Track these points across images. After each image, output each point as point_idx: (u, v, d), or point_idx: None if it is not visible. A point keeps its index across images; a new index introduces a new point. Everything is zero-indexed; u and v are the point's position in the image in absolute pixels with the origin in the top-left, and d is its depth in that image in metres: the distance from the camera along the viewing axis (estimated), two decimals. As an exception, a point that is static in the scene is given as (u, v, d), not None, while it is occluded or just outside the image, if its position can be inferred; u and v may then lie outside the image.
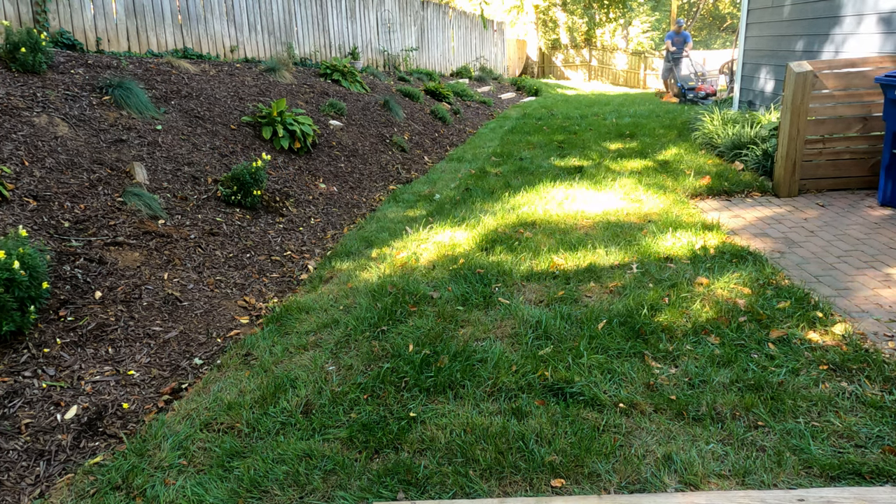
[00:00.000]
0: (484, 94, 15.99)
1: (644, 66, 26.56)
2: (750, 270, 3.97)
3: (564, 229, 5.09)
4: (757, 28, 8.86)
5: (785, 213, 5.40)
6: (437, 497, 2.20)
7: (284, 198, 5.61)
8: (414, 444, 2.49)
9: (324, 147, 7.14)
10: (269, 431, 2.62)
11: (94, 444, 2.62)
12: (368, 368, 3.08)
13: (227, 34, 8.80)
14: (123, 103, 5.33)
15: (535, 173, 7.32)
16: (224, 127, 6.13)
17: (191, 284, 3.89)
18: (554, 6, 29.65)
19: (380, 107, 9.53)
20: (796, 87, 5.60)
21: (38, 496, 2.34)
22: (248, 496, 2.27)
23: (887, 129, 5.20)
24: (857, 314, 3.43)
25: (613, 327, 3.32)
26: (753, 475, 2.24)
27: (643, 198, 5.97)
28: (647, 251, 4.43)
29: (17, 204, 3.73)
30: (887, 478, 2.19)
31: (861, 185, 5.95)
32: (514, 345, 3.23)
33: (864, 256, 4.27)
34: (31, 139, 4.29)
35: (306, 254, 4.93)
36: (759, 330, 3.22)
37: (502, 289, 3.93)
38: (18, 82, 4.87)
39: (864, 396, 2.64)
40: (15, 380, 2.81)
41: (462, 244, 4.81)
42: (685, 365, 2.95)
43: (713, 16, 35.95)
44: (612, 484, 2.24)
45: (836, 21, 6.96)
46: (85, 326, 3.21)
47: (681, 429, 2.51)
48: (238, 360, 3.25)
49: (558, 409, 2.66)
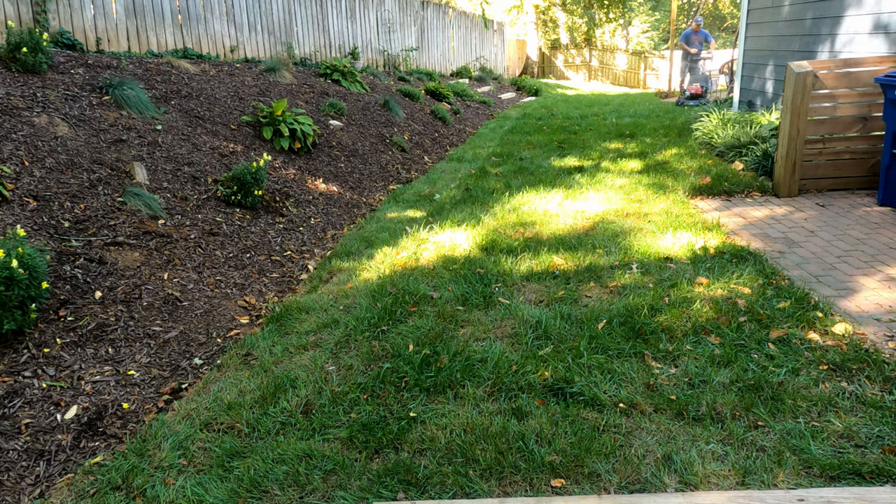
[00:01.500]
0: (484, 94, 15.99)
1: (644, 66, 26.56)
2: (750, 270, 3.97)
3: (564, 229, 5.09)
4: (757, 28, 8.86)
5: (785, 213, 5.40)
6: (437, 497, 2.20)
7: (284, 198, 5.61)
8: (414, 444, 2.49)
9: (324, 147, 7.14)
10: (269, 431, 2.62)
11: (94, 444, 2.62)
12: (368, 368, 3.07)
13: (227, 34, 8.80)
14: (123, 103, 5.33)
15: (535, 173, 7.32)
16: (224, 127, 6.13)
17: (191, 284, 3.89)
18: (554, 6, 29.65)
19: (380, 107, 9.53)
20: (796, 87, 5.60)
21: (38, 496, 2.34)
22: (248, 496, 2.27)
23: (887, 129, 5.20)
24: (857, 314, 3.43)
25: (613, 327, 3.32)
26: (753, 475, 2.24)
27: (643, 198, 5.97)
28: (647, 251, 4.43)
29: (17, 204, 3.73)
30: (887, 478, 2.19)
31: (861, 185, 5.95)
32: (514, 345, 3.23)
33: (864, 256, 4.27)
34: (31, 139, 4.29)
35: (306, 254, 4.92)
36: (759, 330, 3.22)
37: (502, 289, 3.93)
38: (19, 82, 4.87)
39: (864, 396, 2.64)
40: (15, 380, 2.81)
41: (462, 244, 4.81)
42: (685, 365, 2.95)
43: (713, 16, 35.96)
44: (612, 484, 2.24)
45: (836, 21, 6.96)
46: (85, 326, 3.21)
47: (681, 429, 2.51)
48: (238, 360, 3.25)
49: (558, 409, 2.66)
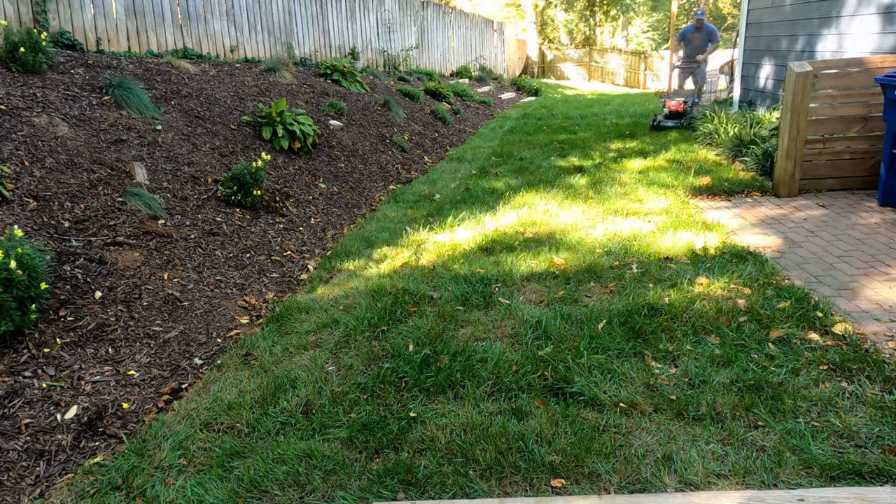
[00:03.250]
0: (484, 94, 15.99)
1: (644, 67, 26.56)
2: (750, 270, 3.97)
3: (565, 229, 5.09)
4: (757, 28, 8.85)
5: (785, 213, 5.40)
6: (437, 497, 2.20)
7: (284, 198, 5.61)
8: (414, 444, 2.49)
9: (324, 147, 7.14)
10: (269, 431, 2.62)
11: (94, 444, 2.62)
12: (368, 368, 3.07)
13: (227, 34, 8.79)
14: (123, 103, 5.33)
15: (535, 173, 7.32)
16: (224, 127, 6.13)
17: (191, 284, 3.89)
18: (553, 6, 29.64)
19: (380, 107, 9.53)
20: (796, 87, 5.60)
21: (39, 496, 2.34)
22: (248, 496, 2.27)
23: (887, 129, 5.20)
24: (857, 314, 3.43)
25: (613, 327, 3.31)
26: (753, 475, 2.24)
27: (643, 197, 5.97)
28: (647, 251, 4.43)
29: (17, 204, 3.73)
30: (887, 478, 2.19)
31: (861, 185, 5.95)
32: (515, 345, 3.23)
33: (864, 256, 4.27)
34: (31, 139, 4.29)
35: (306, 254, 4.92)
36: (759, 330, 3.22)
37: (502, 289, 3.93)
38: (18, 82, 4.87)
39: (864, 396, 2.64)
40: (15, 380, 2.81)
41: (462, 244, 4.81)
42: (685, 365, 2.95)
43: (714, 15, 35.95)
44: (612, 484, 2.24)
45: (836, 21, 6.95)
46: (85, 326, 3.21)
47: (681, 429, 2.51)
48: (238, 360, 3.25)
49: (558, 409, 2.66)
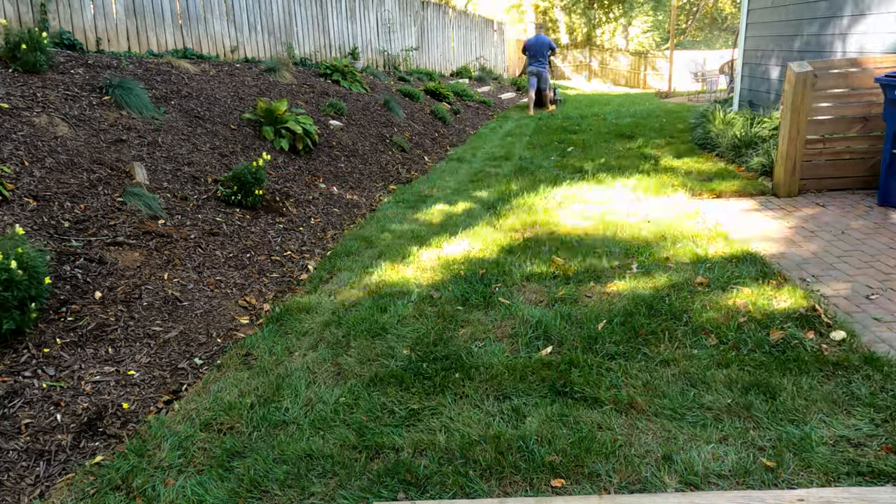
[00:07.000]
0: (484, 94, 15.98)
1: (645, 66, 26.56)
2: (749, 270, 3.97)
3: (564, 229, 5.09)
4: (757, 28, 8.85)
5: (785, 214, 5.40)
6: (437, 497, 2.20)
7: (284, 198, 5.61)
8: (414, 444, 2.49)
9: (324, 147, 7.14)
10: (269, 431, 2.63)
11: (94, 444, 2.62)
12: (369, 368, 3.08)
13: (227, 34, 8.79)
14: (123, 103, 5.33)
15: (535, 173, 7.32)
16: (224, 127, 6.13)
17: (191, 284, 3.89)
18: (554, 7, 29.63)
19: (380, 107, 9.53)
20: (796, 87, 5.60)
21: (38, 496, 2.34)
22: (249, 496, 2.27)
23: (887, 129, 5.20)
24: (858, 314, 3.43)
25: (613, 327, 3.32)
26: (753, 475, 2.24)
27: (643, 197, 5.97)
28: (646, 251, 4.43)
29: (17, 204, 3.73)
30: (887, 478, 2.19)
31: (861, 185, 5.95)
32: (515, 345, 3.23)
33: (864, 256, 4.27)
34: (31, 139, 4.29)
35: (306, 254, 4.92)
36: (759, 330, 3.22)
37: (502, 289, 3.93)
38: (18, 82, 4.87)
39: (864, 396, 2.64)
40: (15, 380, 2.81)
41: (462, 244, 4.81)
42: (685, 365, 2.95)
43: (714, 15, 35.94)
44: (612, 484, 2.24)
45: (836, 21, 6.95)
46: (85, 326, 3.21)
47: (681, 429, 2.51)
48: (238, 360, 3.25)
49: (558, 409, 2.66)
